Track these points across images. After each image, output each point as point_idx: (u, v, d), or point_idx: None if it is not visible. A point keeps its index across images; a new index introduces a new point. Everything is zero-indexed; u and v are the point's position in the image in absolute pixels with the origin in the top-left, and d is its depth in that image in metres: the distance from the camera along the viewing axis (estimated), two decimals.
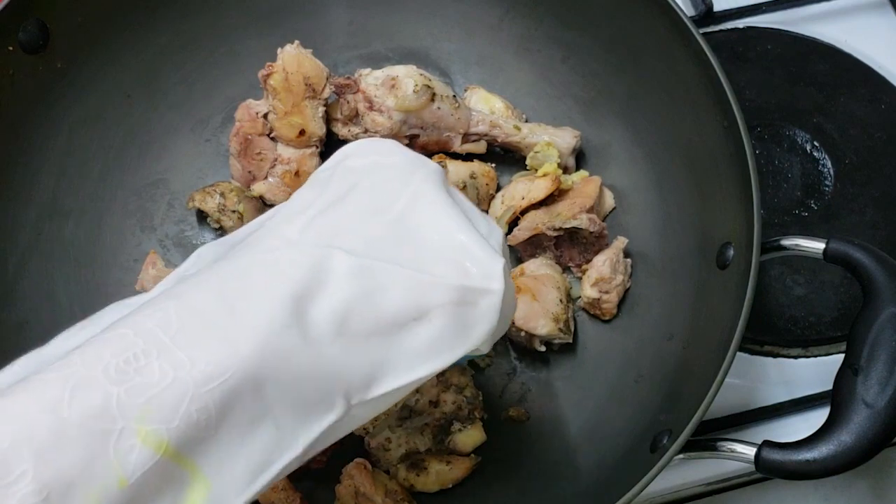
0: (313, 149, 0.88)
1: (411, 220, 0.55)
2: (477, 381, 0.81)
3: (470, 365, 0.82)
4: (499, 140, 0.88)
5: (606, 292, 0.83)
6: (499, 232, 0.59)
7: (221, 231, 0.87)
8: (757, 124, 0.97)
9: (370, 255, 0.53)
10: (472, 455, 0.79)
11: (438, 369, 0.54)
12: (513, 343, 0.84)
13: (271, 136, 0.87)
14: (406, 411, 0.77)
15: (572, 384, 0.83)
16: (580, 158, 0.90)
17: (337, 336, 0.50)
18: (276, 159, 0.88)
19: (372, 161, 0.58)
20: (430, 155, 0.87)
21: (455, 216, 0.56)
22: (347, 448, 0.76)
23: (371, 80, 0.85)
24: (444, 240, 0.55)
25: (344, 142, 0.89)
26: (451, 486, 0.78)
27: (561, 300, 0.81)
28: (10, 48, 0.80)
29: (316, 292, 0.50)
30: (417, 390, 0.77)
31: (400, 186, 0.56)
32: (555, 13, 0.90)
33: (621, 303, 0.84)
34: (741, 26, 1.03)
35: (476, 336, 0.54)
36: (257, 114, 0.87)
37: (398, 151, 0.59)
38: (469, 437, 0.78)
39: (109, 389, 0.45)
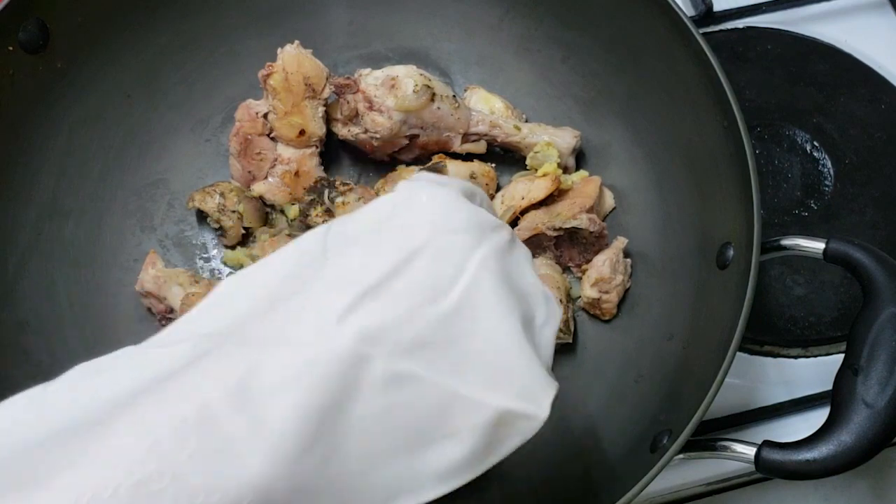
0: (313, 149, 0.88)
1: (464, 318, 0.48)
2: None
3: None
4: (499, 140, 0.88)
5: (606, 292, 0.83)
6: (557, 316, 0.53)
7: (221, 231, 0.87)
8: (757, 124, 0.97)
9: (412, 360, 0.46)
10: None
11: (458, 486, 0.49)
12: None
13: (271, 136, 0.88)
14: None
15: (572, 384, 0.83)
16: (580, 158, 0.90)
17: (360, 455, 0.46)
18: (276, 159, 0.88)
19: (430, 225, 0.49)
20: (430, 155, 0.88)
21: (511, 325, 0.48)
22: None
23: (371, 80, 0.85)
24: (495, 354, 0.48)
25: (344, 142, 0.89)
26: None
27: (561, 300, 0.81)
28: (10, 48, 0.80)
29: (345, 403, 0.45)
30: None
31: (458, 268, 0.48)
32: (555, 13, 0.90)
33: (621, 303, 0.84)
34: (741, 26, 1.03)
35: (504, 453, 0.50)
36: (257, 114, 0.87)
37: (459, 216, 0.50)
38: None
39: None
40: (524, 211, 0.85)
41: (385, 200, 0.52)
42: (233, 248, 0.88)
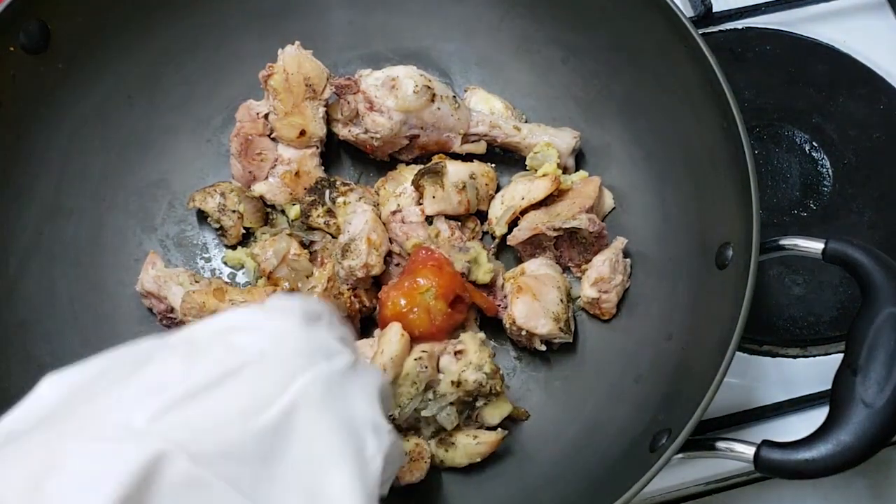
0: (314, 149, 0.88)
1: (280, 439, 0.49)
2: None
3: None
4: (499, 140, 0.88)
5: (606, 292, 0.83)
6: (384, 447, 0.53)
7: (221, 231, 0.87)
8: (756, 125, 0.97)
9: (214, 468, 0.46)
10: (500, 429, 0.79)
11: None
12: (513, 342, 0.84)
13: (272, 136, 0.88)
14: (431, 393, 0.77)
15: (572, 384, 0.83)
16: (580, 159, 0.90)
17: None
18: (276, 159, 0.88)
19: (257, 349, 0.51)
20: (430, 155, 0.88)
21: (327, 450, 0.49)
22: None
23: (371, 80, 0.85)
24: (305, 476, 0.49)
25: (344, 142, 0.90)
26: (479, 459, 0.78)
27: (561, 300, 0.81)
28: (12, 49, 0.80)
29: (142, 498, 0.44)
30: (439, 371, 0.77)
31: (279, 390, 0.49)
32: (555, 14, 0.90)
33: (621, 303, 0.84)
34: (740, 27, 1.03)
35: None
36: (258, 114, 0.87)
37: (290, 343, 0.52)
38: (496, 409, 0.78)
39: None
40: (524, 211, 0.85)
41: (226, 317, 0.53)
42: (233, 247, 0.88)
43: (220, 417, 0.48)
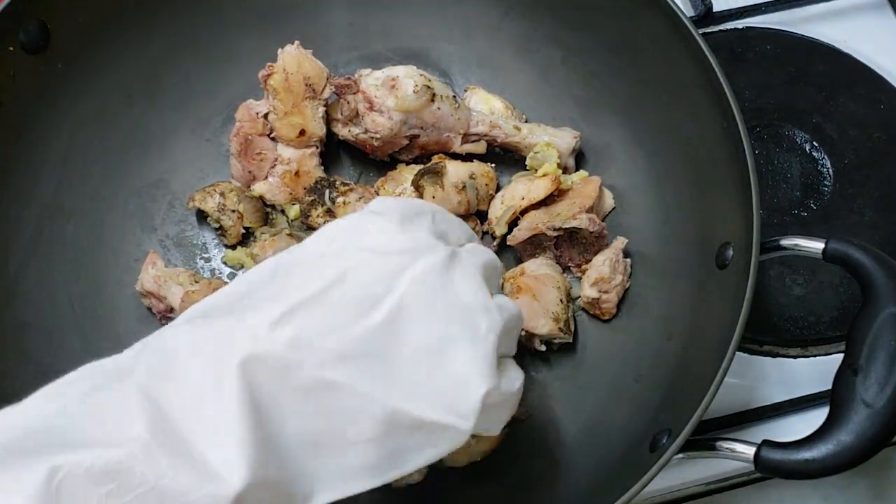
0: (313, 149, 0.88)
1: (394, 332, 0.52)
2: None
3: None
4: (499, 140, 0.88)
5: (606, 292, 0.83)
6: (499, 322, 0.55)
7: (221, 231, 0.87)
8: (756, 124, 0.97)
9: (338, 369, 0.50)
10: None
11: (382, 483, 0.53)
12: None
13: (272, 136, 0.88)
14: None
15: (572, 384, 0.83)
16: (580, 158, 0.90)
17: (294, 443, 0.50)
18: (276, 159, 0.88)
19: (364, 250, 0.54)
20: (430, 155, 0.88)
21: (438, 339, 0.52)
22: None
23: (371, 80, 0.85)
24: (420, 367, 0.52)
25: (344, 142, 0.90)
26: (479, 459, 0.77)
27: (561, 300, 0.81)
28: (12, 49, 0.80)
29: (278, 401, 0.49)
30: None
31: (387, 286, 0.52)
32: (555, 14, 0.90)
33: (621, 303, 0.84)
34: (741, 27, 1.03)
35: (418, 464, 0.53)
36: (258, 114, 0.87)
37: (392, 241, 0.54)
38: None
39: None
40: (524, 211, 0.85)
41: (330, 227, 0.56)
42: (233, 247, 0.88)
43: (339, 318, 0.51)
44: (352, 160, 0.92)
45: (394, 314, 0.52)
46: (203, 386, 0.49)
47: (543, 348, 0.81)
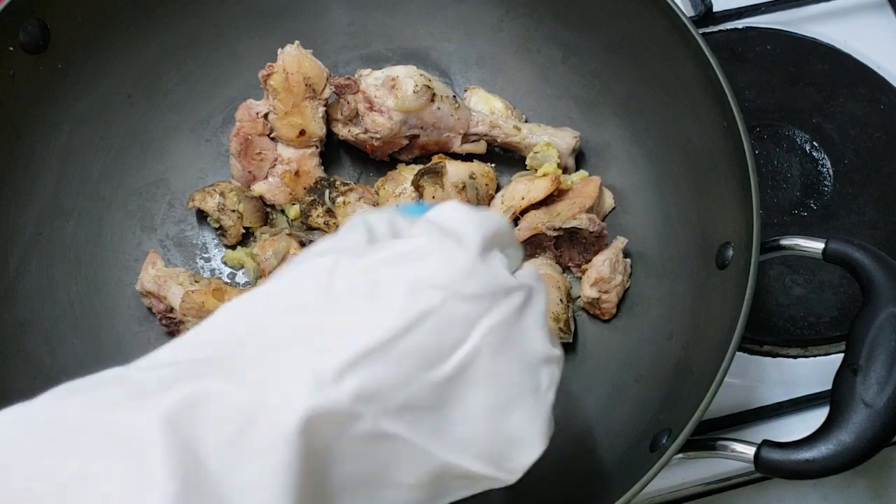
0: (313, 149, 0.88)
1: (456, 386, 0.48)
2: None
3: None
4: (499, 140, 0.88)
5: (606, 292, 0.83)
6: (558, 373, 0.53)
7: (221, 231, 0.87)
8: (756, 124, 0.97)
9: (397, 421, 0.46)
10: None
11: None
12: None
13: (271, 136, 0.88)
14: None
15: (572, 384, 0.83)
16: (580, 158, 0.90)
17: (334, 491, 0.46)
18: (276, 159, 0.88)
19: (443, 290, 0.48)
20: (430, 155, 0.88)
21: (505, 392, 0.49)
22: None
23: (371, 80, 0.85)
24: (483, 420, 0.49)
25: (344, 142, 0.90)
26: None
27: (561, 300, 0.81)
28: (11, 48, 0.80)
29: (329, 458, 0.45)
30: None
31: (461, 337, 0.48)
32: (555, 13, 0.90)
33: (621, 303, 0.84)
34: (741, 27, 1.03)
35: (450, 500, 0.51)
36: (257, 114, 0.87)
37: (473, 284, 0.49)
38: None
39: None
40: (524, 211, 0.85)
41: (403, 245, 0.50)
42: (233, 247, 0.88)
43: (407, 370, 0.47)
44: (352, 160, 0.92)
45: (463, 368, 0.48)
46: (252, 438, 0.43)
47: None
